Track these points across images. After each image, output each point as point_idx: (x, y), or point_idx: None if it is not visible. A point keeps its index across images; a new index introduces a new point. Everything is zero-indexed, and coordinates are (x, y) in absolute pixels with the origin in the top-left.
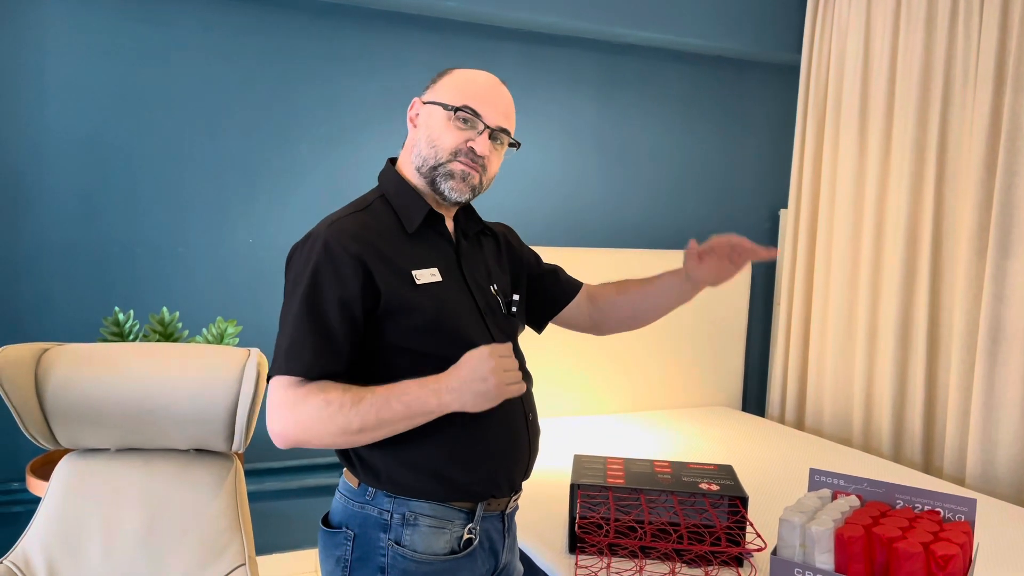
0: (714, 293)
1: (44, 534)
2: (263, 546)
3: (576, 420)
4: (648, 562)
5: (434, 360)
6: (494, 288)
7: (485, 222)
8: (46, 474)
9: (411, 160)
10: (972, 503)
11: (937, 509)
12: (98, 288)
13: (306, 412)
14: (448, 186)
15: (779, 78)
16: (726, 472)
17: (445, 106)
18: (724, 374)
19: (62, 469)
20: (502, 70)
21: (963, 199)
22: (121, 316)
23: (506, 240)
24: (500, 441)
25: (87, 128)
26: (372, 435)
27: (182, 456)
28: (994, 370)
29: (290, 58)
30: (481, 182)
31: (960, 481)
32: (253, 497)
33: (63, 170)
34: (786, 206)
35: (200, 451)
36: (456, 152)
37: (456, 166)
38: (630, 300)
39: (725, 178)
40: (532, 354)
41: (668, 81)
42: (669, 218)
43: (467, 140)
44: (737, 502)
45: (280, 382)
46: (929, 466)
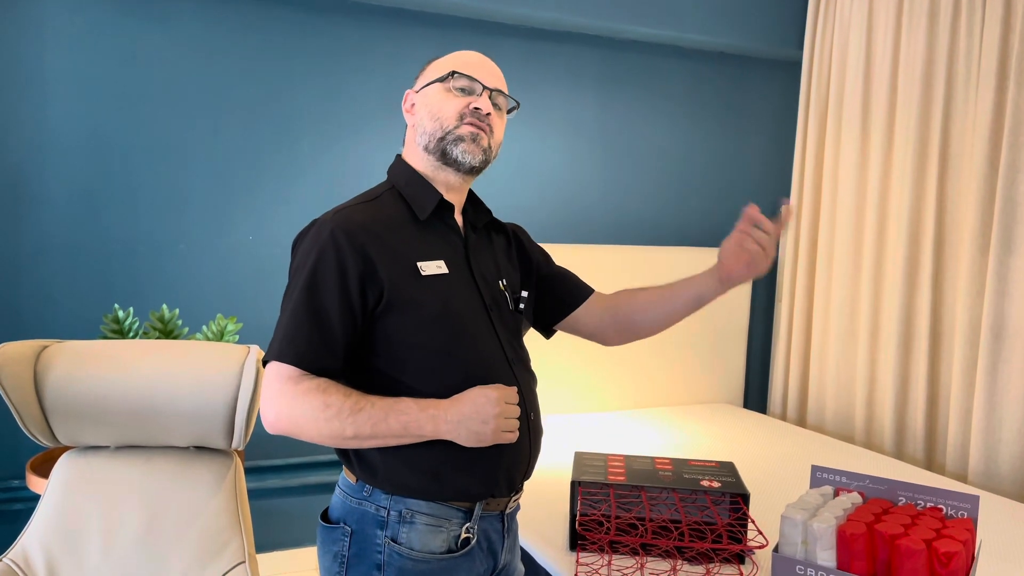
0: None
1: (44, 532)
2: (264, 543)
3: (577, 417)
4: (649, 559)
5: (436, 354)
6: (502, 283)
7: (494, 216)
8: (46, 472)
9: (416, 144)
10: (975, 500)
11: (940, 506)
12: (98, 285)
13: (303, 410)
14: (460, 150)
15: (781, 74)
16: (727, 469)
17: (440, 79)
18: (726, 371)
19: (61, 467)
20: (503, 66)
21: (966, 196)
22: (121, 313)
23: (516, 237)
24: (480, 458)
25: (88, 125)
26: (363, 444)
27: (182, 453)
28: (997, 367)
29: (290, 54)
30: (490, 145)
31: (963, 478)
32: (254, 494)
33: (64, 167)
34: (788, 202)
35: (200, 448)
36: (461, 116)
37: (464, 129)
38: (654, 298)
39: (727, 174)
40: (534, 351)
41: (670, 77)
42: (671, 214)
43: (468, 103)
44: (738, 499)
45: (278, 371)
46: (931, 463)
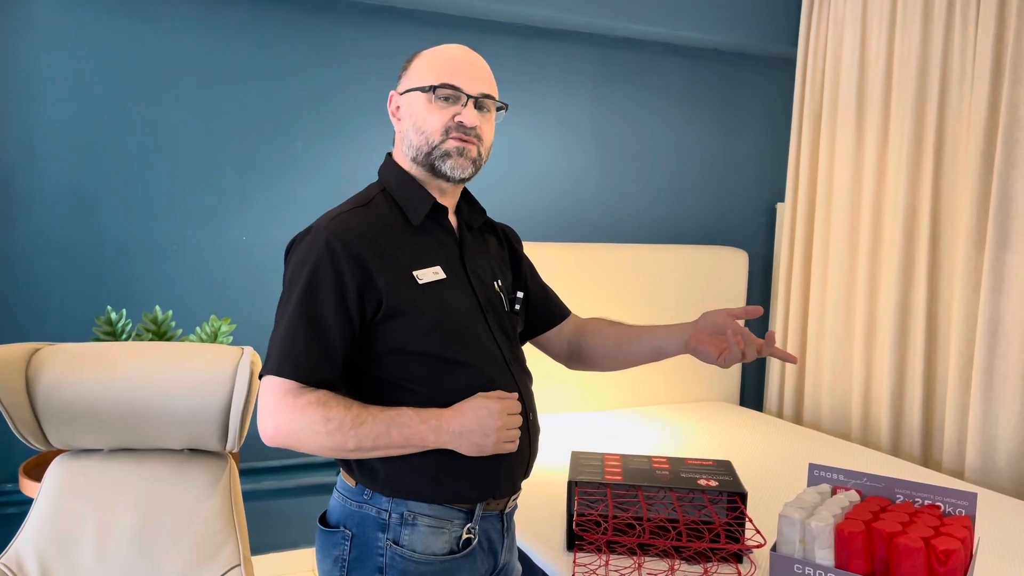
0: (711, 287)
1: (37, 536)
2: (260, 545)
3: (574, 416)
4: (647, 559)
5: (435, 360)
6: (498, 284)
7: (488, 216)
8: (39, 475)
9: (404, 152)
10: (973, 497)
11: (937, 504)
12: (91, 286)
13: (303, 424)
14: (448, 166)
15: (776, 71)
16: (725, 468)
17: (422, 89)
18: (721, 369)
19: (54, 470)
20: (498, 65)
21: (961, 192)
22: (114, 315)
23: (507, 239)
24: (480, 462)
25: (80, 126)
26: (364, 455)
27: (176, 456)
28: (993, 363)
29: (284, 54)
30: (480, 153)
31: (959, 474)
32: (249, 496)
33: (56, 168)
34: (783, 200)
35: (194, 451)
36: (446, 130)
37: (450, 144)
38: (619, 335)
39: (722, 172)
40: (529, 350)
41: (664, 75)
42: (666, 212)
43: (453, 115)
44: (736, 498)
45: (276, 385)
46: (928, 460)
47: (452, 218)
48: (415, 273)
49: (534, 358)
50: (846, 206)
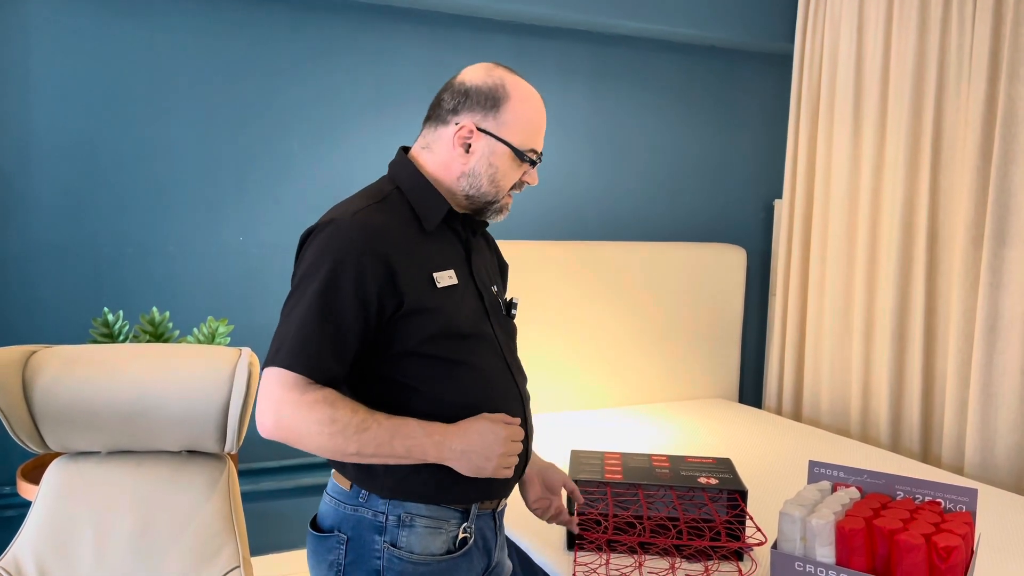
0: (709, 284)
1: (35, 538)
2: (260, 546)
3: (573, 415)
4: (647, 557)
5: (444, 363)
6: (495, 289)
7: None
8: (37, 478)
9: (455, 180)
10: (973, 493)
11: (938, 500)
12: (87, 288)
13: (307, 421)
14: (494, 217)
15: (772, 68)
16: (724, 465)
17: (516, 151)
18: (721, 366)
19: (52, 473)
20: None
21: (959, 188)
22: (111, 317)
23: (495, 247)
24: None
25: (74, 128)
26: (362, 460)
27: (174, 458)
28: (992, 358)
29: (278, 54)
30: None
31: (959, 470)
32: (248, 497)
33: (50, 170)
34: (781, 196)
35: (192, 452)
36: (513, 188)
37: (507, 200)
38: None
39: (719, 169)
40: (528, 350)
41: (660, 72)
42: (663, 210)
43: (523, 175)
44: (736, 496)
45: (281, 378)
46: (928, 455)
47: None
48: (434, 275)
49: (532, 357)
50: (844, 202)
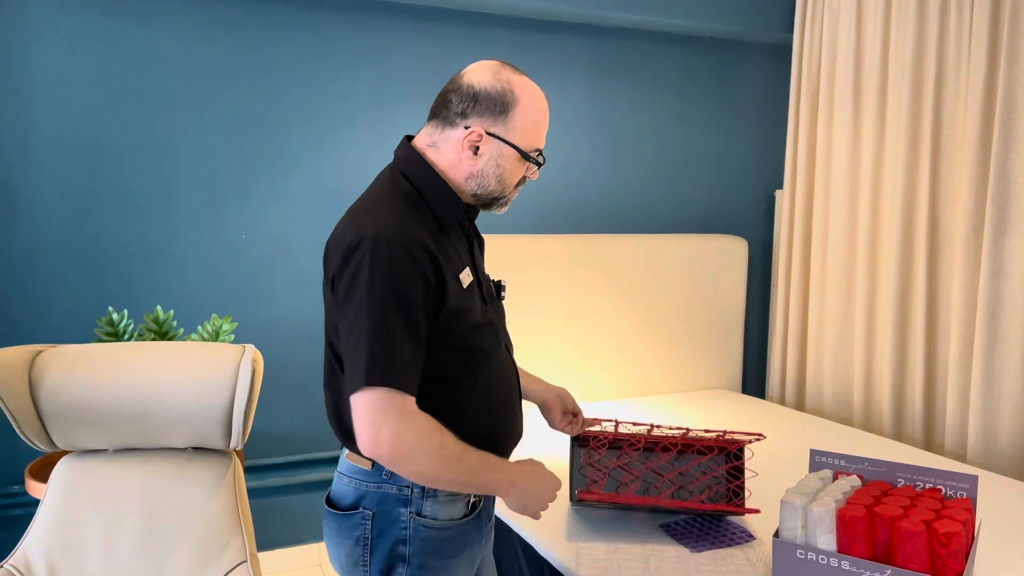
0: (711, 276)
1: (44, 536)
2: (266, 542)
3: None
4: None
5: (473, 355)
6: (488, 274)
7: None
8: (45, 476)
9: (463, 180)
10: (974, 480)
11: (939, 487)
12: (91, 288)
13: (419, 446)
14: (500, 210)
15: (771, 58)
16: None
17: (522, 152)
18: (723, 357)
19: (60, 471)
20: (492, 57)
21: (959, 175)
22: (115, 316)
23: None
24: (509, 426)
25: (76, 127)
26: (450, 487)
27: (180, 455)
28: (994, 345)
29: (278, 51)
30: None
31: (961, 457)
32: (254, 493)
33: (53, 170)
34: (782, 187)
35: (198, 449)
36: (518, 184)
37: (513, 194)
38: None
39: (719, 160)
40: (530, 343)
41: (660, 64)
42: (664, 202)
43: (526, 172)
44: (739, 447)
45: (387, 399)
46: (930, 443)
47: None
48: (460, 277)
49: (534, 349)
50: (844, 192)
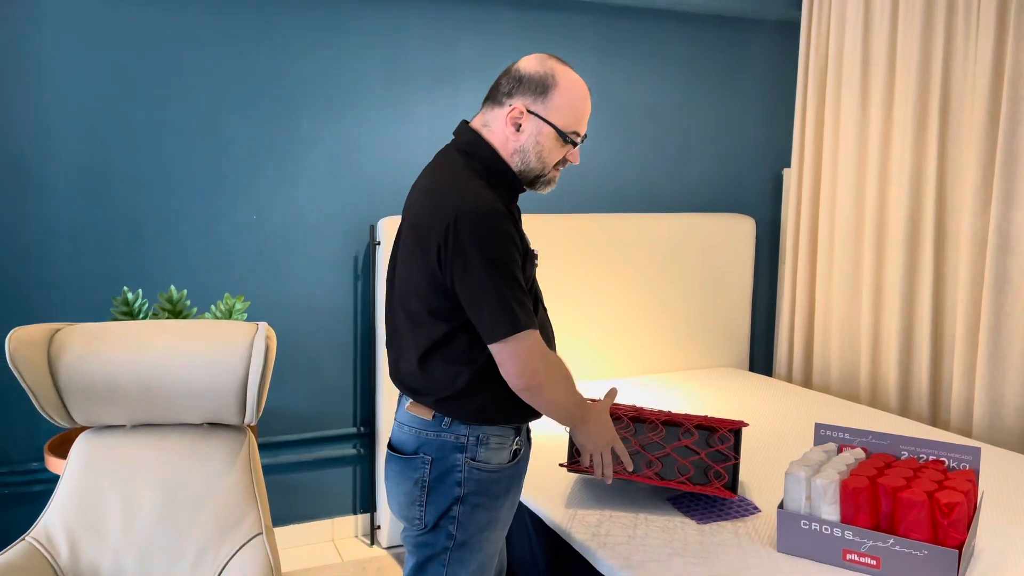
0: (718, 255)
1: (65, 510)
2: (280, 518)
3: (584, 385)
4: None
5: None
6: None
7: None
8: (64, 452)
9: (509, 156)
10: (976, 451)
11: (942, 459)
12: (105, 269)
13: (557, 376)
14: (542, 189)
15: (779, 36)
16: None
17: (560, 132)
18: (731, 335)
19: (80, 446)
20: (501, 39)
21: (967, 151)
22: (130, 295)
23: None
24: None
25: (89, 109)
26: (553, 411)
27: (196, 430)
28: (1000, 320)
29: (288, 33)
30: None
31: (967, 433)
32: (268, 470)
33: (67, 153)
34: (789, 165)
35: (213, 425)
36: (557, 164)
37: (554, 174)
38: None
39: (727, 139)
40: None
41: (667, 42)
42: (672, 181)
43: (566, 154)
44: (737, 428)
45: (532, 339)
46: (936, 419)
47: None
48: (528, 243)
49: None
50: (852, 169)
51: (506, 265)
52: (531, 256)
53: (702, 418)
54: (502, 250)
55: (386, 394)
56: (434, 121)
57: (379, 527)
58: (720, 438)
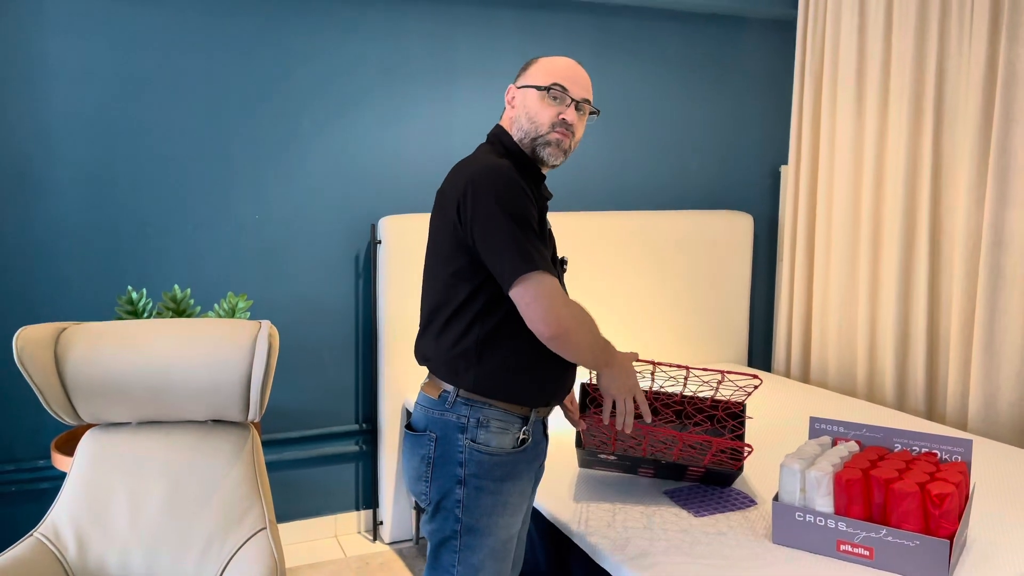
0: (717, 251)
1: (72, 506)
2: (283, 514)
3: (582, 378)
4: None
5: None
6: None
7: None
8: (70, 450)
9: (513, 134)
10: (968, 444)
11: (934, 451)
12: (109, 269)
13: (579, 319)
14: (547, 152)
15: (775, 33)
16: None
17: (538, 87)
18: (729, 330)
19: (86, 443)
20: (499, 38)
21: (961, 149)
22: (135, 294)
23: None
24: (564, 370)
25: (92, 110)
26: (578, 354)
27: (200, 427)
28: (994, 316)
29: (289, 33)
30: (571, 146)
31: (962, 426)
32: (272, 467)
33: (70, 153)
34: (786, 162)
35: (217, 422)
36: (552, 124)
37: (553, 135)
38: None
39: (725, 136)
40: None
41: (664, 41)
42: (670, 179)
43: (559, 113)
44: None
45: (545, 280)
46: (932, 413)
47: None
48: (544, 223)
49: None
50: (849, 166)
51: (522, 215)
52: (560, 262)
53: (717, 370)
54: (517, 201)
55: (388, 391)
56: (434, 120)
57: (382, 523)
58: (731, 428)
